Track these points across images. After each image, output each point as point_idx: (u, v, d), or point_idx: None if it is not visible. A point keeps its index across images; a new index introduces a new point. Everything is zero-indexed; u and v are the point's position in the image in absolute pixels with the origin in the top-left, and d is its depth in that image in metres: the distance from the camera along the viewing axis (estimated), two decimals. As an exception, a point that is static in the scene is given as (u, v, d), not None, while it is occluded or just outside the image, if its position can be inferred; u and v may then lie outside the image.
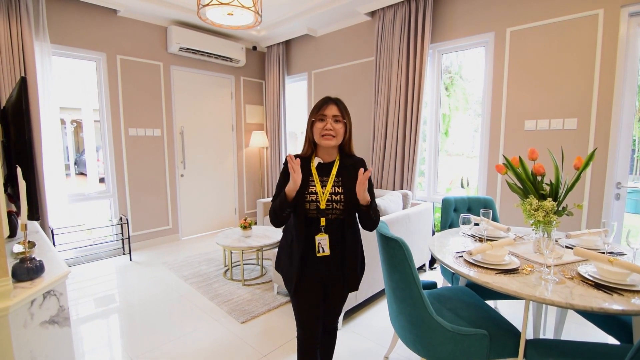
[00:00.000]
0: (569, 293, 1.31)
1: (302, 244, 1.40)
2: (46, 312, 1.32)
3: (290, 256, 1.45)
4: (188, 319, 2.51)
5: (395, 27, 3.55)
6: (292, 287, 1.43)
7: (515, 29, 2.91)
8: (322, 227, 1.39)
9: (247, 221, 3.22)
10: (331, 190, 1.40)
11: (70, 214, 3.59)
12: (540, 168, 1.73)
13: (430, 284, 2.06)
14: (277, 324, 2.45)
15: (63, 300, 1.43)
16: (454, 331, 1.44)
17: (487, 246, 1.61)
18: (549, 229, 1.58)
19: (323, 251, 1.40)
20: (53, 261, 1.48)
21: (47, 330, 1.32)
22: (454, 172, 4.58)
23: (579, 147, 2.66)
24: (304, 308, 1.46)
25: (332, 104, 1.41)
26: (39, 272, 1.30)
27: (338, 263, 1.44)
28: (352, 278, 1.47)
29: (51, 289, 1.32)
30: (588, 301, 1.25)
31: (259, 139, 5.13)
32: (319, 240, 1.39)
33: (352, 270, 1.46)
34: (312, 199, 1.39)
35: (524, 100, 2.91)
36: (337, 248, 1.43)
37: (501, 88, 3.03)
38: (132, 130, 4.00)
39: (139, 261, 3.73)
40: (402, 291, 1.51)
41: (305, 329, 1.46)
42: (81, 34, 3.60)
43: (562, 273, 1.49)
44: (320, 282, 1.46)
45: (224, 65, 4.81)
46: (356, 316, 2.54)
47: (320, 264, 1.42)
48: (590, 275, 1.42)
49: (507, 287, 1.36)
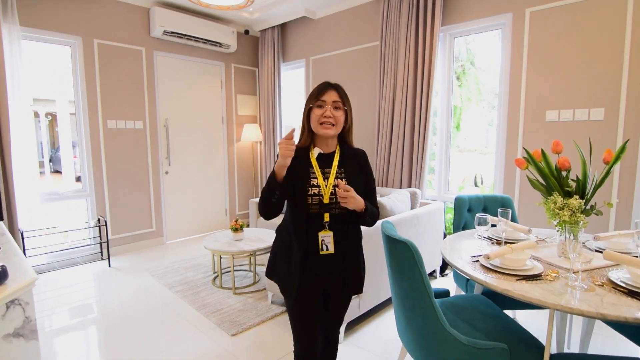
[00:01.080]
0: (599, 301, 1.27)
1: (303, 245, 1.37)
2: (10, 324, 1.28)
3: (289, 260, 1.42)
4: (173, 332, 2.47)
5: (402, 7, 3.51)
6: (293, 295, 1.39)
7: (535, 9, 2.87)
8: (325, 223, 1.37)
9: (238, 223, 3.18)
10: (334, 182, 1.38)
11: (43, 215, 3.55)
12: (566, 162, 1.69)
13: (442, 292, 2.03)
14: (271, 336, 2.41)
15: (29, 311, 1.39)
16: (470, 345, 1.40)
17: (507, 249, 1.57)
18: (576, 230, 1.54)
19: (327, 249, 1.38)
20: (19, 267, 1.44)
21: (11, 344, 1.28)
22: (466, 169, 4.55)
23: (605, 140, 2.62)
24: (303, 320, 1.42)
25: (331, 89, 1.39)
26: (1, 279, 1.26)
27: (340, 263, 1.43)
28: (355, 279, 1.47)
29: (15, 297, 1.28)
30: (621, 310, 1.21)
31: (251, 133, 5.09)
32: (323, 238, 1.37)
33: (356, 270, 1.46)
34: (315, 192, 1.36)
35: (545, 89, 2.87)
36: (340, 246, 1.41)
37: (520, 75, 2.99)
38: (111, 122, 3.95)
39: (118, 267, 3.69)
40: (412, 300, 1.48)
41: (304, 343, 1.43)
42: (54, 16, 3.55)
43: (590, 279, 1.45)
44: (322, 289, 1.44)
45: (213, 50, 4.76)
46: (359, 328, 2.50)
47: (323, 265, 1.40)
48: (623, 282, 1.38)
49: (529, 295, 1.33)
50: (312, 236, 1.38)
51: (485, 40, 3.62)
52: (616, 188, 2.59)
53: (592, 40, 2.65)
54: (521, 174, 3.03)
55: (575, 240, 1.44)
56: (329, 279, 1.43)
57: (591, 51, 2.65)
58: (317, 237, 1.37)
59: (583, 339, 2.05)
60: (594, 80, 2.66)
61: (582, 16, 2.67)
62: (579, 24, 2.69)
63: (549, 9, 2.81)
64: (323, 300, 1.48)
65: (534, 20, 2.89)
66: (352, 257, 1.44)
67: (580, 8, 2.68)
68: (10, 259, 1.53)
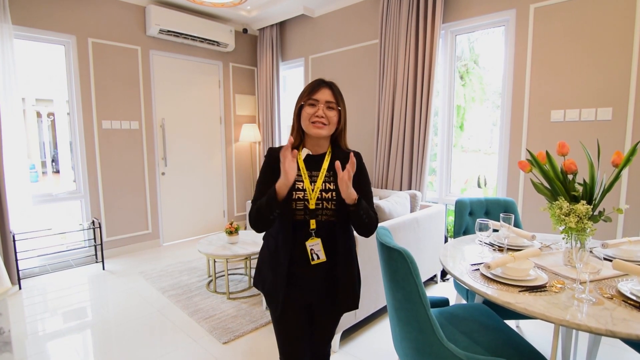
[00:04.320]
0: (609, 317, 1.18)
1: (288, 254, 1.29)
2: (-23, 338, 1.20)
3: (275, 268, 1.33)
4: (163, 339, 2.40)
5: (402, 4, 3.42)
6: (279, 306, 1.31)
7: (539, 5, 2.77)
8: (312, 230, 1.28)
9: (232, 226, 3.11)
10: (321, 186, 1.29)
11: (37, 217, 3.49)
12: (572, 165, 1.59)
13: (440, 301, 1.93)
14: (264, 344, 2.33)
15: (3, 322, 1.32)
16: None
17: (509, 258, 1.48)
18: (583, 237, 1.44)
19: (318, 258, 1.29)
20: (-9, 275, 1.37)
21: (-21, 358, 1.21)
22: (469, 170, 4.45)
23: (613, 141, 2.52)
24: (288, 334, 1.34)
25: (325, 87, 1.30)
26: (-33, 290, 1.19)
27: (328, 276, 1.33)
28: (349, 294, 1.36)
29: (-16, 309, 1.21)
30: (632, 327, 1.12)
31: (250, 133, 5.02)
32: (311, 247, 1.28)
33: (349, 284, 1.35)
34: (299, 197, 1.27)
35: (550, 87, 2.77)
36: (328, 258, 1.31)
37: (523, 73, 2.89)
38: (106, 122, 3.89)
39: (112, 270, 3.63)
40: (407, 312, 1.39)
41: (288, 358, 1.35)
42: (48, 14, 3.49)
43: (599, 291, 1.36)
44: (308, 303, 1.35)
45: (210, 50, 4.69)
46: (355, 336, 2.42)
47: (307, 277, 1.31)
48: (634, 294, 1.28)
49: (532, 309, 1.23)
50: (298, 245, 1.29)
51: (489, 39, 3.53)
52: (624, 192, 2.48)
53: (599, 36, 2.54)
54: (525, 176, 2.93)
55: (583, 249, 1.35)
56: (315, 293, 1.34)
57: (598, 48, 2.55)
58: (303, 246, 1.28)
59: (590, 351, 1.96)
60: (601, 78, 2.55)
61: (588, 12, 2.57)
62: (585, 20, 2.58)
63: (554, 5, 2.71)
64: (311, 314, 1.39)
65: (538, 17, 2.79)
66: (342, 269, 1.33)
67: (586, 4, 2.57)
68: (-17, 266, 1.46)
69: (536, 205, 2.87)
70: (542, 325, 2.45)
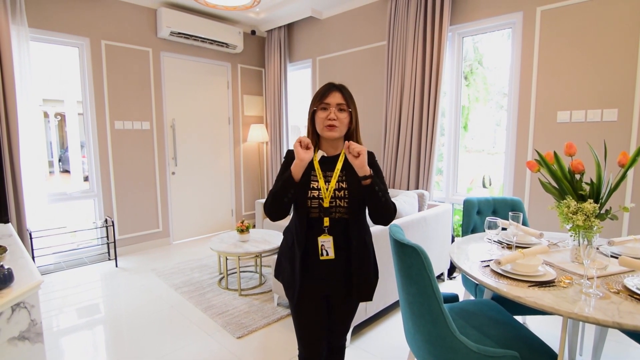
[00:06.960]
0: (616, 310, 1.23)
1: (302, 247, 1.37)
2: (15, 327, 1.27)
3: (292, 261, 1.41)
4: (178, 334, 2.47)
5: (410, 6, 3.47)
6: (295, 295, 1.39)
7: (546, 7, 2.82)
8: (325, 227, 1.35)
9: (244, 224, 3.17)
10: (335, 186, 1.36)
11: (52, 215, 3.57)
12: (579, 165, 1.64)
13: (451, 297, 1.99)
14: (277, 339, 2.40)
15: (35, 314, 1.39)
16: (480, 352, 1.37)
17: (518, 255, 1.53)
18: (590, 235, 1.49)
19: (327, 254, 1.36)
20: (24, 269, 1.44)
21: (17, 347, 1.28)
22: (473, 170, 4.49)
23: (619, 141, 2.56)
24: (306, 322, 1.42)
25: (335, 91, 1.37)
26: (7, 282, 1.26)
27: (343, 269, 1.40)
28: (363, 286, 1.42)
29: (21, 300, 1.28)
30: (638, 320, 1.17)
31: (258, 133, 5.08)
32: (322, 242, 1.35)
33: (364, 277, 1.42)
34: (315, 196, 1.34)
35: (556, 89, 2.82)
36: (343, 252, 1.38)
37: (530, 75, 2.93)
38: (119, 123, 3.97)
39: (125, 267, 3.70)
40: (420, 306, 1.45)
41: (308, 347, 1.42)
42: (62, 17, 3.57)
43: (606, 286, 1.41)
44: (323, 294, 1.42)
45: (219, 51, 4.76)
46: (366, 331, 2.48)
47: (322, 270, 1.38)
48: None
49: (542, 303, 1.29)
50: (312, 240, 1.36)
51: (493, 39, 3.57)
52: (630, 191, 2.53)
53: (605, 38, 2.59)
54: (531, 176, 2.98)
55: (590, 246, 1.40)
56: (331, 285, 1.41)
57: (604, 50, 2.59)
58: (316, 241, 1.35)
59: (596, 345, 2.00)
60: (607, 80, 2.60)
61: (594, 14, 2.61)
62: (592, 22, 2.63)
63: (560, 8, 2.75)
64: (328, 305, 1.46)
65: (545, 19, 2.84)
66: (357, 263, 1.39)
67: (593, 6, 2.62)
68: (16, 261, 1.54)
69: (543, 204, 2.92)
70: (549, 322, 2.50)
